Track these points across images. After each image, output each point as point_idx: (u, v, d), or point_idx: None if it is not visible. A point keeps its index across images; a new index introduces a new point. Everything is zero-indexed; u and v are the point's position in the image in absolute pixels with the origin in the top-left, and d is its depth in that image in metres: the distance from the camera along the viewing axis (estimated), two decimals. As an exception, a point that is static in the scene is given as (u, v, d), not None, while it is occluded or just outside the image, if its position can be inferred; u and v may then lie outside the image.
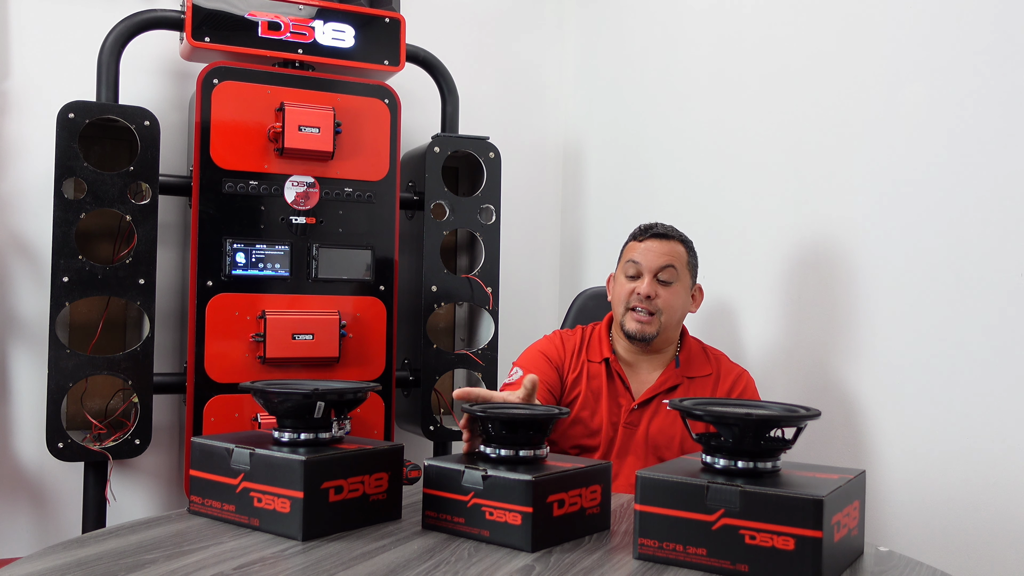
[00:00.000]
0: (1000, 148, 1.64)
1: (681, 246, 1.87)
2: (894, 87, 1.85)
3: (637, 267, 1.84)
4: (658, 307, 1.81)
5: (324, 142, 2.31)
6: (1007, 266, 1.62)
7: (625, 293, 1.84)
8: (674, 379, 1.84)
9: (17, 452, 2.40)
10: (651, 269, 1.82)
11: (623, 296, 1.85)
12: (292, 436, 1.29)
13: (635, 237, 1.90)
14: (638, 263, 1.84)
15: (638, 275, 1.84)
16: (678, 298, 1.84)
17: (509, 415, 1.28)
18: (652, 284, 1.81)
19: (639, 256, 1.84)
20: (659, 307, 1.81)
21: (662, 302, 1.81)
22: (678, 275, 1.84)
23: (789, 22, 2.15)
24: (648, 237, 1.86)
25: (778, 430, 1.16)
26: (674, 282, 1.83)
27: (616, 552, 1.19)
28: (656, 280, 1.82)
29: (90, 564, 1.09)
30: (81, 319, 2.41)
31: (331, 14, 2.39)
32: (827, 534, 1.04)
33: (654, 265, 1.82)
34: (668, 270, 1.82)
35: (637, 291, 1.82)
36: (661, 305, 1.81)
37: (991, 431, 1.64)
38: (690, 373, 1.85)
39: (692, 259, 1.90)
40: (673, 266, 1.83)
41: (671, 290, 1.83)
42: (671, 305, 1.83)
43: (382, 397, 2.42)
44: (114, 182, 2.15)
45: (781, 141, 2.16)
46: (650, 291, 1.80)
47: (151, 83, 2.55)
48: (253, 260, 2.29)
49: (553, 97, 3.16)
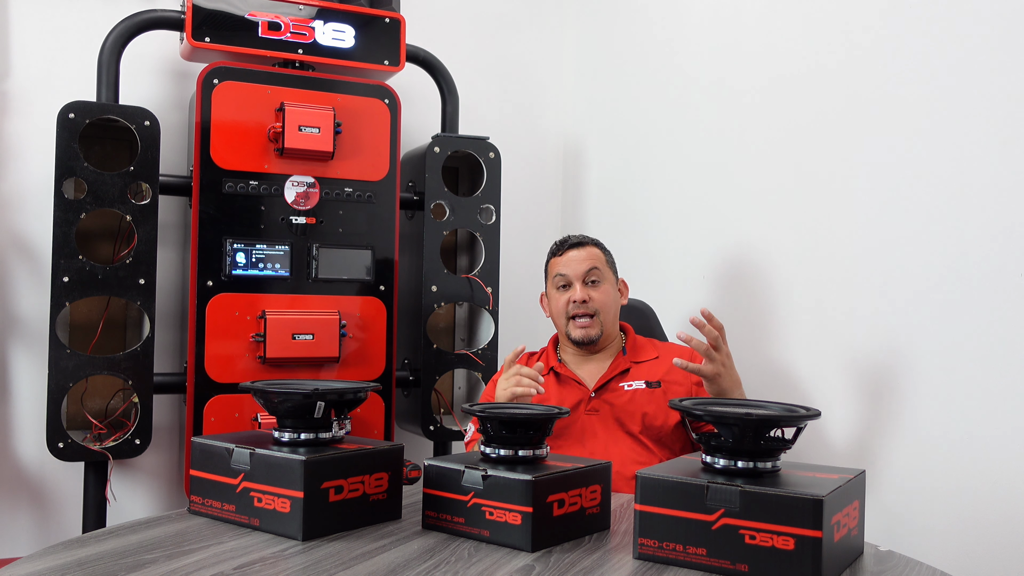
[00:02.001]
0: (1000, 149, 1.64)
1: (597, 249, 2.03)
2: (894, 90, 1.85)
3: (565, 278, 1.99)
4: (595, 308, 1.96)
5: (324, 142, 2.31)
6: (1007, 266, 1.62)
7: (562, 305, 1.98)
8: (623, 364, 1.98)
9: (17, 452, 2.41)
10: (578, 276, 1.97)
11: (561, 308, 1.99)
12: (292, 436, 1.29)
13: (554, 254, 2.04)
14: (565, 274, 1.99)
15: (568, 284, 1.99)
16: (609, 295, 1.99)
17: (509, 415, 1.28)
18: (584, 289, 1.96)
19: (564, 268, 1.99)
20: (596, 307, 1.96)
21: (597, 302, 1.96)
22: (603, 275, 1.99)
23: (789, 22, 2.15)
24: (567, 249, 2.01)
25: (778, 430, 1.16)
26: (601, 282, 1.99)
27: (616, 552, 1.19)
28: (585, 284, 1.97)
29: (90, 564, 1.09)
30: (81, 319, 2.41)
31: (331, 14, 2.39)
32: (827, 534, 1.04)
33: (580, 271, 1.97)
34: (593, 271, 1.98)
35: (572, 299, 1.96)
36: (597, 305, 1.96)
37: (991, 431, 1.64)
38: (637, 359, 2.00)
39: (609, 258, 2.05)
40: (596, 267, 1.99)
41: (601, 289, 1.98)
42: (605, 303, 1.98)
43: (382, 397, 2.42)
44: (114, 182, 2.15)
45: (781, 140, 2.16)
46: (584, 295, 1.95)
47: (151, 83, 2.55)
48: (253, 260, 2.29)
49: (553, 97, 3.16)
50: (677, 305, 2.48)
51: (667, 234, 2.58)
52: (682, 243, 2.50)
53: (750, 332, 2.24)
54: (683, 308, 2.45)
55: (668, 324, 2.35)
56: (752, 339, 2.23)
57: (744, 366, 2.24)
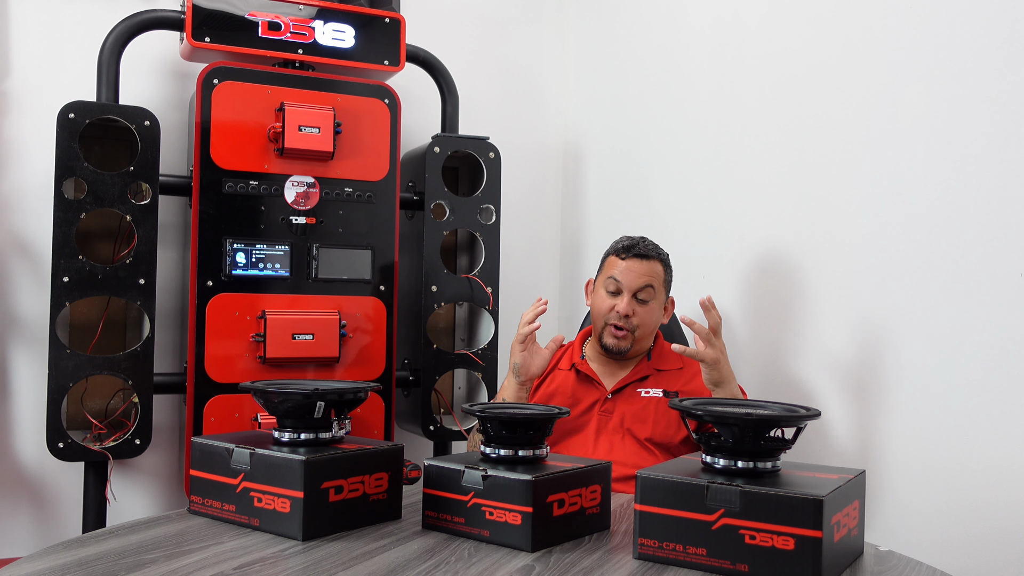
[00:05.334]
0: (1000, 149, 1.64)
1: (660, 264, 1.96)
2: (894, 93, 1.85)
3: (617, 284, 1.92)
4: (636, 324, 1.91)
5: (324, 142, 2.31)
6: (1007, 266, 1.62)
7: (605, 309, 1.93)
8: (645, 371, 1.95)
9: (17, 452, 2.41)
10: (631, 288, 1.91)
11: (603, 312, 1.94)
12: (292, 436, 1.29)
13: (617, 253, 1.97)
14: (619, 281, 1.92)
15: (618, 292, 1.92)
16: (653, 315, 1.95)
17: (509, 415, 1.28)
18: (631, 303, 1.91)
19: (620, 275, 1.93)
20: (637, 324, 1.91)
21: (638, 320, 1.91)
22: (655, 294, 1.94)
23: (790, 21, 2.15)
24: (630, 256, 1.94)
25: (778, 430, 1.16)
26: (651, 300, 1.93)
27: (616, 552, 1.19)
28: (634, 299, 1.91)
29: (90, 564, 1.09)
30: (81, 319, 2.41)
31: (331, 14, 2.39)
32: (827, 534, 1.04)
33: (634, 285, 1.91)
34: (647, 290, 1.92)
35: (616, 309, 1.91)
36: (638, 322, 1.91)
37: (991, 431, 1.64)
38: (660, 367, 1.96)
39: (668, 276, 1.99)
40: (652, 286, 1.93)
41: (648, 308, 1.93)
42: (647, 322, 1.93)
43: (382, 397, 2.42)
44: (114, 182, 2.15)
45: (780, 142, 2.16)
46: (628, 310, 1.90)
47: (151, 83, 2.55)
48: (253, 260, 2.29)
49: (553, 97, 3.16)
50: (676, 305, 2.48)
51: (667, 234, 2.57)
52: (682, 243, 2.50)
53: (750, 331, 2.24)
54: (683, 308, 2.45)
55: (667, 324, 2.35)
56: (752, 338, 2.23)
57: (744, 365, 2.24)
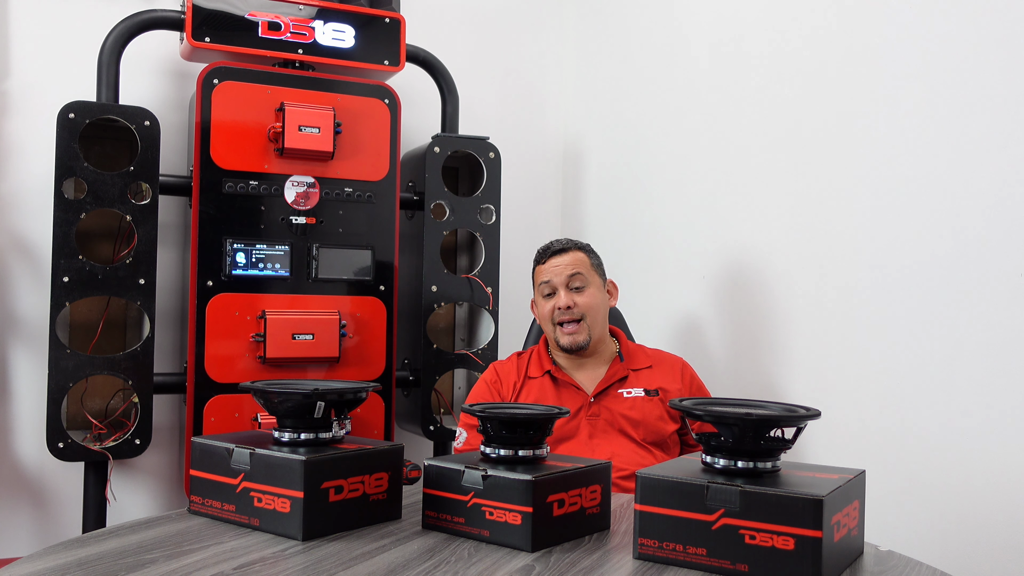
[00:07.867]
0: (1000, 149, 1.64)
1: (581, 252, 2.03)
2: (893, 94, 1.85)
3: (550, 285, 2.00)
4: (581, 312, 1.97)
5: (324, 142, 2.31)
6: (1007, 266, 1.62)
7: (548, 312, 2.00)
8: (622, 372, 1.98)
9: (17, 452, 2.41)
10: (562, 282, 1.99)
11: (547, 315, 2.01)
12: (292, 436, 1.29)
13: (538, 262, 2.06)
14: (549, 281, 2.00)
15: (553, 292, 2.00)
16: (594, 299, 2.00)
17: (509, 415, 1.28)
18: (568, 295, 1.98)
19: (547, 275, 2.01)
20: (582, 312, 1.97)
21: (582, 307, 1.97)
22: (587, 279, 2.00)
23: (789, 23, 2.15)
24: (549, 256, 2.03)
25: (778, 430, 1.16)
26: (586, 286, 2.00)
27: (616, 552, 1.19)
28: (569, 290, 1.98)
29: (90, 564, 1.09)
30: (81, 319, 2.41)
31: (331, 14, 2.39)
32: (827, 534, 1.04)
33: (563, 277, 1.99)
34: (576, 277, 1.99)
35: (557, 306, 1.97)
36: (583, 310, 1.97)
37: (991, 431, 1.64)
38: (633, 366, 2.01)
39: (595, 260, 2.06)
40: (580, 272, 1.99)
41: (586, 294, 1.99)
42: (591, 306, 1.98)
43: (382, 397, 2.42)
44: (114, 182, 2.15)
45: (781, 141, 2.16)
46: (568, 301, 1.96)
47: (151, 83, 2.55)
48: (253, 260, 2.29)
49: (553, 97, 3.16)
50: (676, 305, 2.48)
51: (667, 234, 2.58)
52: (682, 243, 2.50)
53: (750, 332, 2.24)
54: (682, 308, 2.45)
55: (667, 324, 2.35)
56: (752, 339, 2.23)
57: (744, 366, 2.25)
